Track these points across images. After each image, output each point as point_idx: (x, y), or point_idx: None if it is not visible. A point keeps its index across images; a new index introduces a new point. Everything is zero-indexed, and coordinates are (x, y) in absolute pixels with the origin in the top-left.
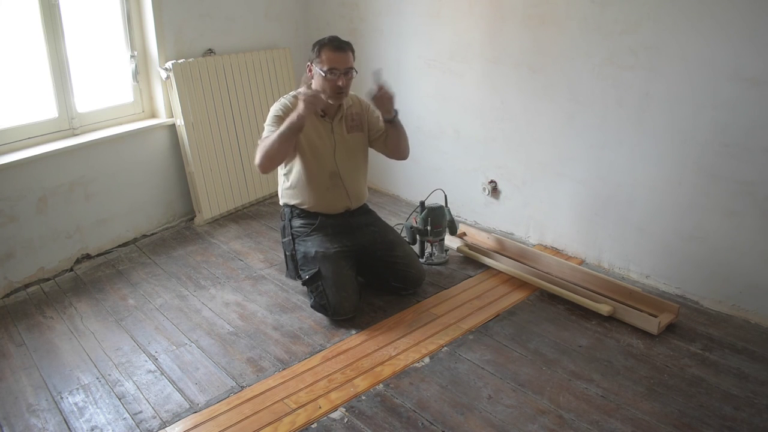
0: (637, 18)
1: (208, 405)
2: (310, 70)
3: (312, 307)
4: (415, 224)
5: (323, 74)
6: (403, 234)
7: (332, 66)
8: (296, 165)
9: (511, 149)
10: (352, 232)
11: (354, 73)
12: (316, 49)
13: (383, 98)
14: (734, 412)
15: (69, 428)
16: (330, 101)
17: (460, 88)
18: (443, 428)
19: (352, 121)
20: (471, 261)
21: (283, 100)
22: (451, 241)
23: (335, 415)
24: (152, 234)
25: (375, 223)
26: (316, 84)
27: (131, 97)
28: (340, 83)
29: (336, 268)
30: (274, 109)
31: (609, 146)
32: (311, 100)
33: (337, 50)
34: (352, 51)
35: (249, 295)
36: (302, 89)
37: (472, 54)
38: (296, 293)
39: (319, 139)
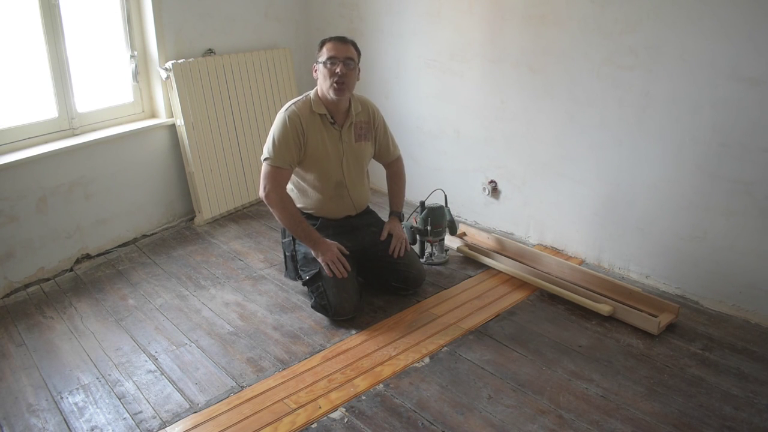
0: (637, 18)
1: (208, 405)
2: (316, 71)
3: (312, 307)
4: (415, 224)
5: (323, 64)
6: None
7: (331, 55)
8: (300, 172)
9: (511, 149)
10: (353, 233)
11: (354, 65)
12: (319, 46)
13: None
14: (734, 412)
15: (69, 428)
16: (330, 95)
17: (460, 88)
18: (443, 428)
19: (361, 129)
20: (471, 261)
21: (286, 116)
22: (451, 241)
23: (335, 415)
24: (152, 234)
25: (375, 224)
26: (319, 82)
27: (131, 97)
28: (337, 70)
29: None
30: (278, 131)
31: (609, 146)
32: (334, 265)
33: (337, 41)
34: (355, 47)
35: (249, 295)
36: (311, 93)
37: (472, 54)
38: (296, 293)
39: (326, 147)
